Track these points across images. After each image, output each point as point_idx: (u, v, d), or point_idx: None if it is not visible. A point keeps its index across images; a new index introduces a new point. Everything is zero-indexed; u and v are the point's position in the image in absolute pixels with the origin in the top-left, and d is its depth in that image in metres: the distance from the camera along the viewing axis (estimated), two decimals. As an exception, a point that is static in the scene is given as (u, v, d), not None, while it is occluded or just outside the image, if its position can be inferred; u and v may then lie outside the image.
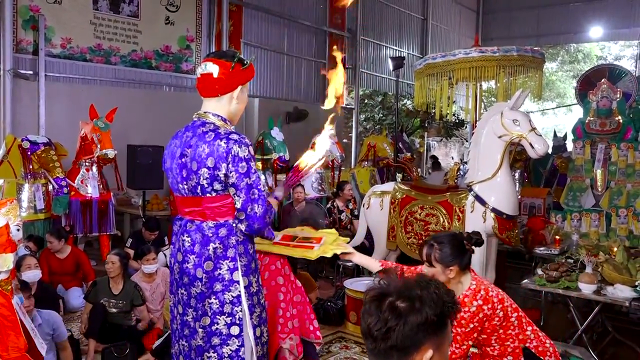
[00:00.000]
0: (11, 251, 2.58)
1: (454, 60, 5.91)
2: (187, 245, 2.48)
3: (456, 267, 2.68)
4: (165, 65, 9.05)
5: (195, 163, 2.39)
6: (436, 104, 6.44)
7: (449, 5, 16.36)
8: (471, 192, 4.76)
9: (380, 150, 9.05)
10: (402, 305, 1.36)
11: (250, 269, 2.52)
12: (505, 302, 2.74)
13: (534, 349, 2.77)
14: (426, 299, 1.37)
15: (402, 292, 1.38)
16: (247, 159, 2.37)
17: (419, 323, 1.34)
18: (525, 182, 8.34)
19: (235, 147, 2.34)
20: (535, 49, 6.14)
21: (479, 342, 2.77)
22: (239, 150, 2.35)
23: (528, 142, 4.48)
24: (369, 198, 5.57)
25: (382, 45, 13.93)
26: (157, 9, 8.89)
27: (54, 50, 7.74)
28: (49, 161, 6.03)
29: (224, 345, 2.45)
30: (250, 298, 2.49)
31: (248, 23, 10.35)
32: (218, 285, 2.44)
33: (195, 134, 2.44)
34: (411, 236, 5.16)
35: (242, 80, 2.50)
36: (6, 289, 2.62)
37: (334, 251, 2.87)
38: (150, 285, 4.81)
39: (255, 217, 2.40)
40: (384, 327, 1.34)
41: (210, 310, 2.45)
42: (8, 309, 2.61)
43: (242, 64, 2.48)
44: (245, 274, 2.48)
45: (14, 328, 2.62)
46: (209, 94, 2.50)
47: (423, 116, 13.49)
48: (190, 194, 2.47)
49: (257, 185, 2.40)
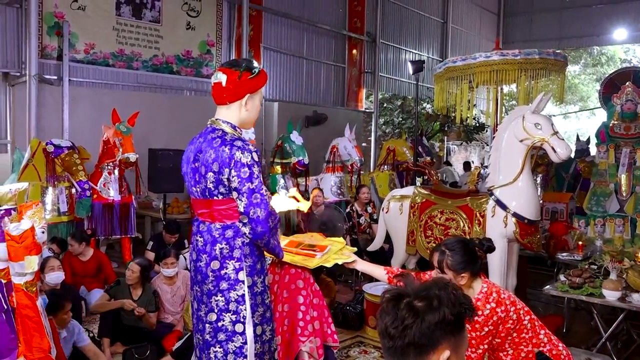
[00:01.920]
0: (36, 253, 2.62)
1: (474, 64, 5.85)
2: (200, 244, 2.63)
3: (468, 274, 2.67)
4: (186, 70, 9.15)
5: (203, 167, 2.53)
6: (456, 108, 6.39)
7: (469, 8, 16.27)
8: (492, 197, 4.71)
9: (399, 154, 9.01)
10: (419, 304, 1.36)
11: (255, 270, 2.61)
12: (517, 304, 2.72)
13: (547, 352, 2.73)
14: (444, 298, 1.37)
15: (419, 292, 1.39)
16: (250, 165, 2.46)
17: (436, 321, 1.34)
18: (548, 186, 8.24)
19: (238, 153, 2.46)
20: (558, 51, 6.05)
21: (493, 347, 2.74)
22: (242, 157, 2.46)
23: (550, 146, 4.42)
24: (389, 202, 5.54)
25: (401, 49, 13.90)
26: (178, 15, 8.99)
27: (78, 55, 7.87)
28: (72, 165, 6.11)
29: (229, 341, 2.58)
30: (253, 297, 2.60)
31: (268, 27, 10.41)
32: (224, 283, 2.57)
33: (205, 140, 2.58)
34: (431, 241, 5.11)
35: (249, 89, 2.59)
36: (31, 291, 2.66)
37: (335, 261, 2.88)
38: (171, 288, 4.85)
39: (258, 221, 2.48)
40: (400, 325, 1.35)
41: (217, 307, 2.58)
42: (33, 311, 2.65)
43: (250, 72, 2.57)
44: (250, 274, 2.59)
45: (38, 329, 2.66)
46: (220, 102, 2.63)
47: (443, 120, 13.43)
48: (201, 197, 2.60)
49: (259, 190, 2.48)
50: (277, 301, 3.12)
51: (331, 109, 11.31)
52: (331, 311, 4.29)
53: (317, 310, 3.22)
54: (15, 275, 2.61)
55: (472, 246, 2.72)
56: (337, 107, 11.93)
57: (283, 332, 3.09)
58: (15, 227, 2.59)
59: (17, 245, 2.57)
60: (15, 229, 2.58)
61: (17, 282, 2.62)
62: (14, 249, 2.57)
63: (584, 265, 4.55)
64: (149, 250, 6.04)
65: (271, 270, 3.14)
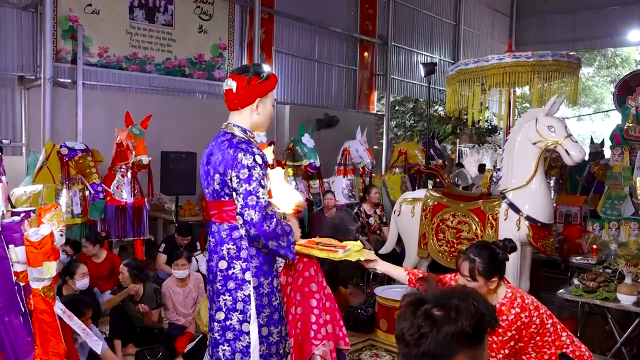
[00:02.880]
0: (54, 259, 2.64)
1: (486, 66, 5.82)
2: (212, 245, 2.71)
3: (497, 279, 2.66)
4: (198, 73, 9.20)
5: (212, 169, 2.62)
6: (468, 110, 6.37)
7: (482, 10, 16.21)
8: (505, 200, 4.69)
9: (411, 157, 8.98)
10: (437, 313, 1.34)
11: (261, 271, 2.63)
12: (540, 309, 2.70)
13: (570, 354, 2.72)
14: (463, 310, 1.35)
15: (439, 300, 1.37)
16: (250, 167, 2.49)
17: (452, 333, 1.32)
18: (561, 189, 8.18)
19: (241, 154, 2.51)
20: (571, 53, 6.01)
21: (515, 351, 2.72)
22: (243, 158, 2.50)
23: (564, 148, 4.39)
24: (400, 205, 5.53)
25: (413, 51, 13.87)
26: (190, 18, 9.05)
27: (92, 59, 7.94)
28: (86, 167, 6.15)
29: (236, 340, 2.62)
30: (259, 298, 2.62)
31: (279, 31, 10.45)
32: (231, 283, 2.62)
33: (216, 143, 2.66)
34: (443, 244, 5.10)
35: (259, 93, 2.65)
36: (48, 296, 2.67)
37: (358, 257, 2.88)
38: (183, 290, 4.87)
39: (251, 223, 2.47)
40: (417, 332, 1.33)
41: (225, 307, 2.64)
42: (50, 316, 2.67)
43: (259, 77, 2.63)
44: (256, 275, 2.62)
45: (54, 334, 2.67)
46: (231, 107, 2.70)
47: (455, 122, 13.38)
48: (212, 198, 2.68)
49: (256, 192, 2.48)
50: (290, 304, 3.11)
51: (343, 112, 11.31)
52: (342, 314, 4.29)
53: (330, 313, 3.22)
54: (33, 280, 2.63)
55: (498, 250, 2.69)
56: (349, 110, 11.92)
57: (295, 335, 3.09)
58: (34, 233, 2.59)
59: (36, 251, 2.58)
60: (34, 235, 2.58)
61: (35, 287, 2.63)
62: (33, 254, 2.58)
63: (599, 269, 4.52)
64: (161, 252, 6.07)
65: (285, 272, 3.14)
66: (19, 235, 2.59)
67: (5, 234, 2.58)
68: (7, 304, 2.58)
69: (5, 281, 2.58)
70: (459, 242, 4.96)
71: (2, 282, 2.57)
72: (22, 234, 2.59)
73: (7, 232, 2.58)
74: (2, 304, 2.57)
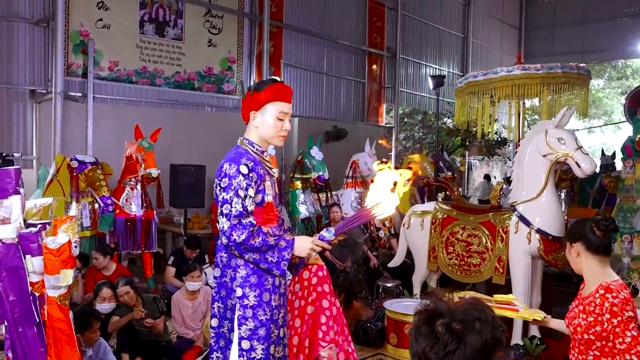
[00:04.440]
0: (71, 267, 2.66)
1: (495, 78, 5.80)
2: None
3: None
4: (207, 87, 9.25)
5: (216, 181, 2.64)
6: (478, 123, 6.34)
7: (490, 22, 16.21)
8: (515, 212, 4.64)
9: (420, 169, 8.94)
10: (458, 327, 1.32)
11: (247, 282, 2.59)
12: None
13: None
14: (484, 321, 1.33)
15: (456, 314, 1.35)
16: (231, 176, 2.51)
17: (479, 346, 1.30)
18: (572, 202, 8.10)
19: (227, 164, 2.54)
20: (581, 65, 5.98)
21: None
22: (228, 167, 2.53)
23: (574, 161, 4.35)
24: (409, 218, 5.50)
25: (421, 64, 13.88)
26: (200, 32, 9.12)
27: (102, 73, 8.02)
28: (95, 180, 6.17)
29: (227, 349, 2.63)
30: (242, 309, 2.58)
31: (288, 44, 10.50)
32: (223, 291, 2.65)
33: None
34: (453, 257, 5.05)
35: (252, 106, 2.68)
36: (64, 304, 2.69)
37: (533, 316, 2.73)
38: (192, 303, 4.84)
39: (223, 231, 2.49)
40: (442, 350, 1.31)
41: (219, 314, 2.67)
42: (65, 324, 2.68)
43: (257, 90, 2.66)
44: (241, 286, 2.58)
45: (69, 342, 2.68)
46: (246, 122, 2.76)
47: (464, 135, 13.32)
48: None
49: (230, 201, 2.49)
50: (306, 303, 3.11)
51: (351, 124, 11.31)
52: (351, 328, 4.24)
53: (339, 325, 3.20)
54: (50, 288, 2.64)
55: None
56: (357, 122, 11.92)
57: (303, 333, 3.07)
58: (52, 241, 2.62)
59: (54, 259, 2.60)
60: (52, 242, 2.61)
61: (52, 295, 2.64)
62: (51, 262, 2.60)
63: (611, 283, 4.43)
64: (169, 265, 6.06)
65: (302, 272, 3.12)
66: (36, 245, 2.62)
67: (23, 244, 2.61)
68: (22, 314, 2.59)
69: (21, 291, 2.60)
70: (469, 255, 4.91)
71: (18, 292, 2.59)
72: (39, 244, 2.62)
73: (24, 243, 2.61)
74: (17, 314, 2.59)
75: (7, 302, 2.58)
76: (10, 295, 2.58)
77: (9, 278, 2.58)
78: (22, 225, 2.68)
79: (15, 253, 2.59)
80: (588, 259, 2.51)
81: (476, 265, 4.86)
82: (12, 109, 7.39)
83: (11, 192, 2.63)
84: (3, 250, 2.57)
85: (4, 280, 2.57)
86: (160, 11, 8.60)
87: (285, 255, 2.53)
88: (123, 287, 4.44)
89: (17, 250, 2.59)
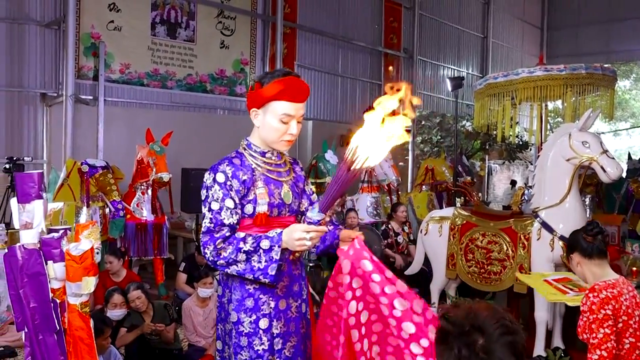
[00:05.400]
0: (93, 274, 2.58)
1: (516, 80, 5.68)
2: None
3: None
4: (219, 89, 9.17)
5: None
6: (498, 126, 6.21)
7: (511, 22, 15.99)
8: (537, 219, 4.49)
9: (438, 174, 8.80)
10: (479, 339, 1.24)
11: (242, 306, 2.29)
12: None
13: None
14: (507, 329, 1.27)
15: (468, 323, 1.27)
16: (208, 187, 2.27)
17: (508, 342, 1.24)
18: (598, 208, 7.89)
19: (207, 174, 2.30)
20: (606, 66, 5.80)
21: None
22: (207, 177, 2.29)
23: (599, 165, 4.19)
24: (427, 224, 5.36)
25: (439, 65, 13.72)
26: (212, 34, 9.06)
27: (113, 75, 7.97)
28: (106, 184, 6.12)
29: None
30: (237, 336, 2.28)
31: (302, 45, 10.40)
32: (222, 312, 2.40)
33: None
34: (472, 264, 4.91)
35: (252, 103, 2.32)
36: (85, 312, 2.62)
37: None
38: (204, 310, 4.76)
39: (202, 243, 2.23)
40: None
41: (221, 336, 2.42)
42: (86, 332, 2.61)
43: (261, 83, 2.27)
44: (236, 310, 2.29)
45: (89, 351, 2.61)
46: None
47: (484, 138, 13.13)
48: None
49: (205, 215, 2.26)
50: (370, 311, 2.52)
51: (367, 127, 11.16)
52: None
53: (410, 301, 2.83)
54: (71, 296, 2.58)
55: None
56: (374, 125, 11.77)
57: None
58: (75, 247, 2.55)
59: (76, 266, 2.53)
60: (75, 249, 2.54)
61: (73, 302, 2.58)
62: (74, 269, 2.53)
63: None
64: (181, 271, 5.96)
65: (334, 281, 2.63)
66: (58, 251, 2.55)
67: (45, 250, 2.54)
68: (42, 321, 2.54)
69: (42, 298, 2.54)
70: (489, 262, 4.76)
71: (39, 299, 2.53)
72: (61, 250, 2.55)
73: (46, 248, 2.54)
74: (37, 321, 2.53)
75: (27, 309, 2.52)
76: (31, 301, 2.52)
77: (30, 284, 2.52)
78: (44, 231, 2.62)
79: (36, 259, 2.53)
80: (587, 266, 2.72)
81: (497, 273, 4.72)
82: (23, 113, 7.38)
83: (34, 196, 2.55)
84: (25, 256, 2.52)
85: (25, 287, 2.52)
86: (172, 12, 8.54)
87: (273, 256, 2.13)
88: (134, 291, 4.40)
89: (38, 256, 2.53)
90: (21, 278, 2.51)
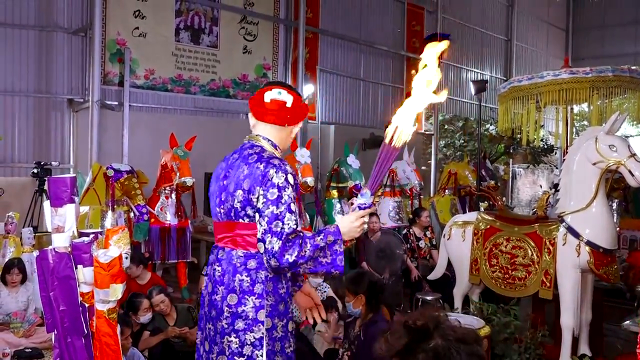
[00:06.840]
0: (121, 282, 2.59)
1: (541, 83, 5.61)
2: (217, 275, 2.35)
3: None
4: (242, 94, 9.23)
5: (233, 184, 2.30)
6: (522, 129, 6.13)
7: (535, 24, 15.79)
8: (563, 224, 4.40)
9: (461, 178, 8.70)
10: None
11: (277, 311, 2.28)
12: None
13: None
14: None
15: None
16: (281, 187, 2.19)
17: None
18: (625, 212, 7.70)
19: (272, 171, 2.21)
20: (634, 68, 5.69)
21: None
22: (275, 176, 2.20)
23: (627, 169, 4.09)
24: (450, 228, 5.29)
25: (463, 68, 13.61)
26: (235, 39, 9.14)
27: (138, 81, 8.09)
28: (131, 189, 6.17)
29: None
30: (271, 343, 2.26)
31: (324, 50, 10.42)
32: (240, 323, 2.25)
33: (241, 156, 2.36)
34: (496, 270, 4.83)
35: (302, 116, 2.50)
36: (112, 318, 2.64)
37: None
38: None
39: (272, 253, 2.15)
40: None
41: (229, 350, 2.26)
42: (113, 339, 2.63)
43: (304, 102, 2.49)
44: (270, 315, 2.26)
45: (116, 357, 2.64)
46: (273, 120, 2.41)
47: (508, 142, 12.99)
48: (225, 218, 2.35)
49: (282, 217, 2.17)
50: None
51: (389, 132, 11.12)
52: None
53: None
54: (98, 302, 2.61)
55: None
56: (396, 129, 11.72)
57: None
58: (104, 254, 2.57)
59: (104, 273, 2.55)
60: (103, 256, 2.56)
61: (100, 308, 2.61)
62: (101, 276, 2.55)
63: (669, 300, 4.14)
64: (204, 275, 5.95)
65: None
66: (88, 255, 2.58)
67: (75, 254, 2.57)
68: (71, 324, 2.57)
69: (71, 301, 2.57)
70: (513, 268, 4.68)
71: (68, 303, 2.56)
72: (91, 254, 2.58)
73: (76, 252, 2.57)
74: (66, 324, 2.57)
75: (57, 312, 2.56)
76: (61, 304, 2.56)
77: (60, 287, 2.56)
78: (76, 235, 2.66)
79: (67, 263, 2.56)
80: None
81: (521, 279, 4.64)
82: (50, 118, 7.53)
83: (66, 200, 2.57)
84: (56, 259, 2.55)
85: (55, 290, 2.55)
86: (196, 18, 8.65)
87: (337, 249, 2.21)
88: (157, 296, 4.45)
89: (69, 259, 2.56)
90: (51, 281, 2.54)
